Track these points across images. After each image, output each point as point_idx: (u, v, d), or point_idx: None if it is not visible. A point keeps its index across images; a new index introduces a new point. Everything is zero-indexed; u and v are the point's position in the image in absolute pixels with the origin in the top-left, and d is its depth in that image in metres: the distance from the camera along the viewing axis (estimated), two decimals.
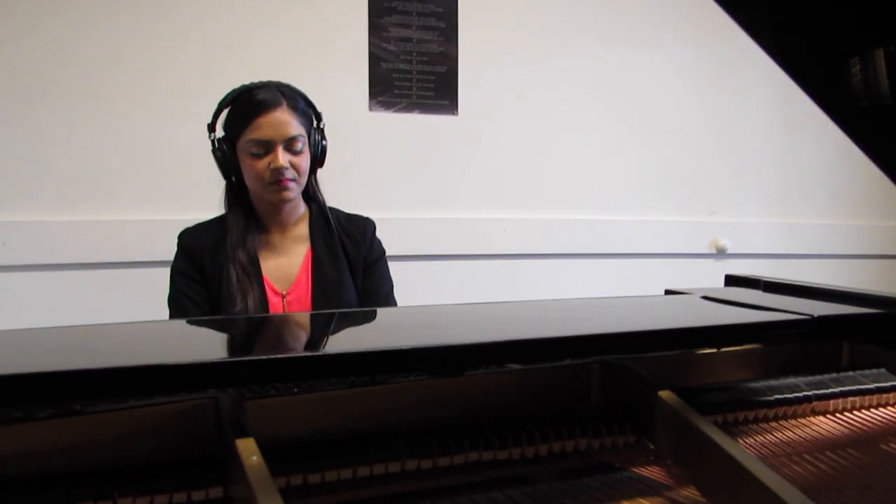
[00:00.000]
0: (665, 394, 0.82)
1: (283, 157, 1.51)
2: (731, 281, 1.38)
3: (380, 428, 0.82)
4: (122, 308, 2.24)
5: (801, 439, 0.87)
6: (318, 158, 1.62)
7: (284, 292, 1.59)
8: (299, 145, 1.54)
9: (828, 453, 0.83)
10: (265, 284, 1.57)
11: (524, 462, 0.82)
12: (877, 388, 0.97)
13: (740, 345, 1.02)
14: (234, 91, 1.57)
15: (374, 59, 2.59)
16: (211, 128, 1.59)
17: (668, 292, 1.27)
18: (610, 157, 2.87)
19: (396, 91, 2.62)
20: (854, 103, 1.04)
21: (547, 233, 2.77)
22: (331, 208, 1.68)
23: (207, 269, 1.57)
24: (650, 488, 0.78)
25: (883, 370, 1.01)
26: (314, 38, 2.49)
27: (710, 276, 1.42)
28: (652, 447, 0.85)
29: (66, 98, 2.25)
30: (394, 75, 2.61)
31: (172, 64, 2.34)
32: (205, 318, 1.50)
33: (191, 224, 1.65)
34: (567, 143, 2.80)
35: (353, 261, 1.64)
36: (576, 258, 2.81)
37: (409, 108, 2.64)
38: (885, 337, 1.05)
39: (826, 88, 1.04)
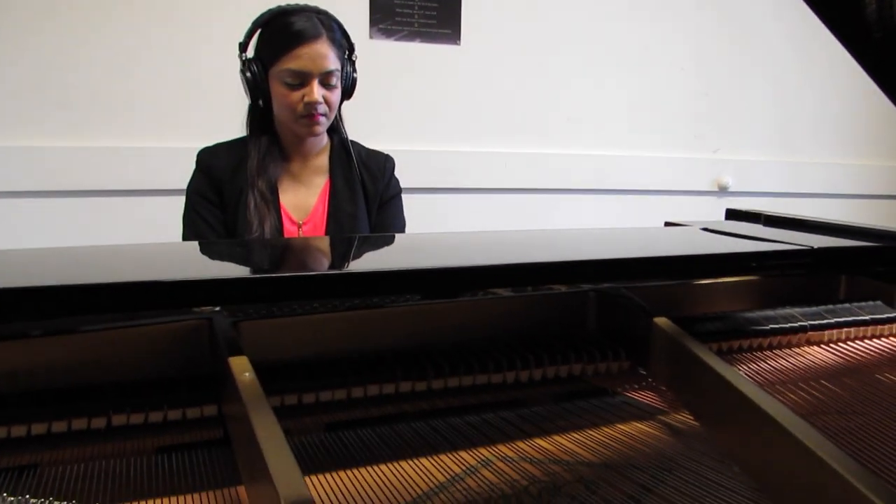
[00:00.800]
0: (661, 320, 0.82)
1: (317, 92, 1.48)
2: (732, 215, 1.36)
3: (375, 351, 0.82)
4: (126, 237, 2.23)
5: (796, 368, 0.87)
6: (347, 91, 1.59)
7: (301, 222, 1.59)
8: (334, 80, 1.51)
9: (822, 381, 0.84)
10: (282, 213, 1.56)
11: (519, 386, 0.82)
12: (872, 319, 0.97)
13: (740, 275, 1.01)
14: (269, 12, 1.52)
15: None
16: (242, 48, 1.54)
17: (667, 224, 1.26)
18: (615, 93, 2.81)
19: (398, 18, 2.55)
20: (868, 34, 1.01)
21: (549, 167, 2.74)
22: (352, 141, 1.65)
23: (225, 192, 1.56)
24: (645, 413, 0.79)
25: (879, 303, 1.01)
26: None
27: (712, 214, 1.41)
28: (645, 374, 0.86)
29: (71, 20, 2.17)
30: (395, 2, 2.54)
31: None
32: (201, 240, 1.50)
33: None
34: (571, 78, 2.74)
35: (370, 195, 1.64)
36: (578, 193, 2.79)
37: (410, 36, 2.57)
38: (883, 270, 1.04)
39: (841, 19, 1.01)
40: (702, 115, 2.94)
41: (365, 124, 1.79)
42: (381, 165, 1.66)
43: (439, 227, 2.56)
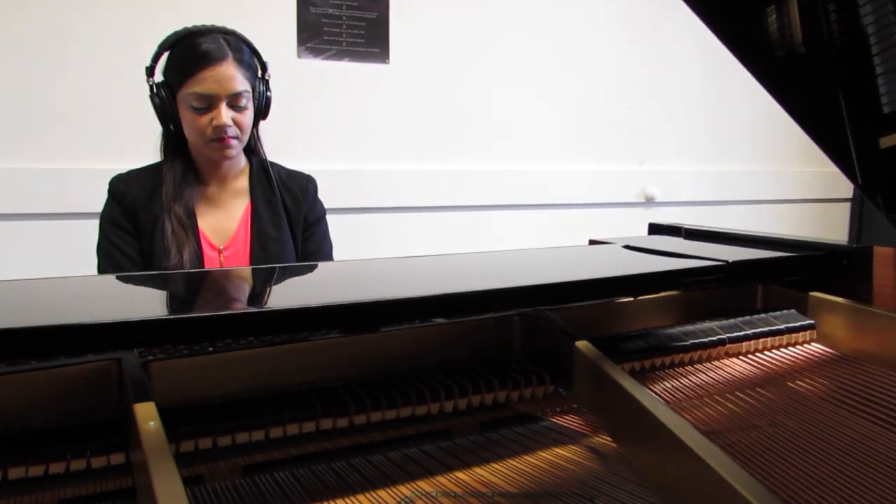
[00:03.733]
0: (582, 344, 0.83)
1: (225, 115, 1.45)
2: (654, 229, 1.39)
3: (294, 387, 0.80)
4: (43, 264, 2.14)
5: (714, 381, 0.89)
6: (261, 111, 1.55)
7: (222, 247, 1.54)
8: (243, 101, 1.47)
9: (737, 393, 0.86)
10: (201, 238, 1.52)
11: (443, 416, 0.81)
12: (787, 328, 1.00)
13: (658, 292, 1.03)
14: (175, 34, 1.48)
15: (303, 3, 2.48)
16: (150, 72, 1.49)
17: (591, 242, 1.27)
18: (541, 108, 2.85)
19: (326, 37, 2.53)
20: (770, 52, 1.05)
21: (480, 184, 2.75)
22: (271, 163, 1.62)
23: (140, 220, 1.50)
24: (566, 437, 0.79)
25: (793, 311, 1.04)
26: None
27: (640, 225, 1.44)
28: (569, 397, 0.86)
29: None
30: (323, 20, 2.52)
31: (97, 5, 2.19)
32: (115, 274, 1.44)
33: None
34: (498, 93, 2.77)
35: (293, 218, 1.60)
36: (508, 209, 2.82)
37: (338, 55, 2.56)
38: (796, 279, 1.08)
39: (743, 38, 1.05)
40: (627, 128, 3.01)
41: (293, 144, 1.77)
42: (302, 187, 1.63)
43: (371, 248, 2.54)
